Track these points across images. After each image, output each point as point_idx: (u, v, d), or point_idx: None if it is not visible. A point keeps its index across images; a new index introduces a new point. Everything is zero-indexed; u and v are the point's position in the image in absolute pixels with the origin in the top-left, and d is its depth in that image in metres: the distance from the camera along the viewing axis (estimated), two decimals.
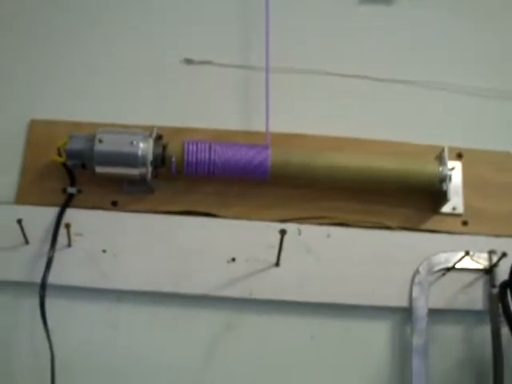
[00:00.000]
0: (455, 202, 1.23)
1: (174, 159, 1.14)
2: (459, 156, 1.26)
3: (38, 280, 1.12)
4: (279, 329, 1.18)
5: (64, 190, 1.21)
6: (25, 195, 1.22)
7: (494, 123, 1.33)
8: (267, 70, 1.25)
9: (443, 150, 1.19)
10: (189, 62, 1.32)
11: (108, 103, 1.30)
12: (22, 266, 1.16)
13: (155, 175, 1.17)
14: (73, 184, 1.20)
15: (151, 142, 1.15)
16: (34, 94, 1.31)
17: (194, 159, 1.15)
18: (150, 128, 1.19)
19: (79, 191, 1.20)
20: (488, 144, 1.29)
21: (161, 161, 1.16)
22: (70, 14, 1.37)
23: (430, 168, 1.19)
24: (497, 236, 1.23)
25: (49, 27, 1.36)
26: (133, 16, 1.37)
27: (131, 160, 1.15)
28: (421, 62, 1.36)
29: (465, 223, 1.23)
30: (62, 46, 1.35)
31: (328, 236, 1.18)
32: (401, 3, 1.41)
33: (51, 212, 1.19)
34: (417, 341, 1.15)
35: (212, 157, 1.15)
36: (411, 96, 1.33)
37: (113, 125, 1.23)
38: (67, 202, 1.19)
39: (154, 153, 1.15)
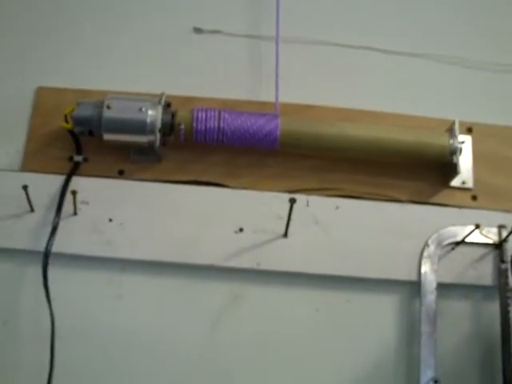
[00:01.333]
0: (465, 176, 1.22)
1: (182, 126, 1.12)
2: (469, 130, 1.26)
3: (43, 248, 1.10)
4: (285, 301, 1.17)
5: (70, 158, 1.19)
6: (30, 162, 1.20)
7: (504, 98, 1.32)
8: (277, 40, 1.24)
9: (454, 123, 1.18)
10: (198, 31, 1.30)
11: (117, 71, 1.29)
12: (27, 233, 1.15)
13: (163, 143, 1.15)
14: (79, 152, 1.19)
15: (160, 109, 1.13)
16: (42, 61, 1.29)
17: (203, 127, 1.14)
18: (159, 96, 1.16)
19: (85, 159, 1.18)
20: (498, 119, 1.28)
21: (169, 128, 1.14)
22: None
23: (440, 140, 1.18)
24: (507, 211, 1.22)
25: None
26: None
27: (140, 127, 1.13)
28: (433, 34, 1.36)
29: (474, 198, 1.22)
30: (71, 13, 1.34)
31: (337, 208, 1.17)
32: None
33: (57, 180, 1.17)
34: (425, 315, 1.14)
35: (221, 124, 1.14)
36: (422, 69, 1.32)
37: (121, 92, 1.21)
38: (73, 170, 1.17)
39: (162, 120, 1.14)
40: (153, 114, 1.13)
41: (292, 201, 1.05)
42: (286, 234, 1.14)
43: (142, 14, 1.33)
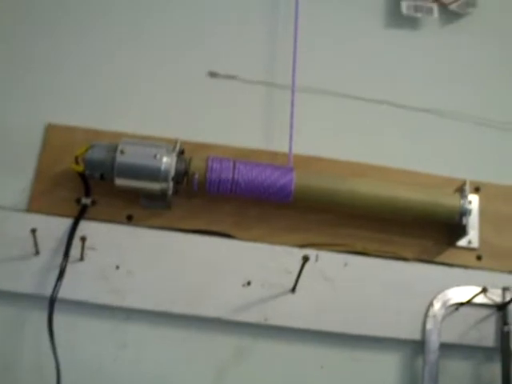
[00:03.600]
0: (471, 235, 1.23)
1: (197, 176, 1.11)
2: (477, 190, 1.26)
3: (48, 293, 1.09)
4: (291, 356, 1.17)
5: (78, 200, 1.17)
6: (37, 203, 1.19)
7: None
8: (293, 91, 1.24)
9: (465, 183, 1.19)
10: (214, 75, 1.29)
11: (129, 112, 1.27)
12: (32, 277, 1.13)
13: (175, 191, 1.13)
14: (88, 194, 1.17)
15: (174, 156, 1.13)
16: (54, 98, 1.28)
17: (217, 178, 1.13)
18: (172, 141, 1.16)
19: (94, 202, 1.17)
20: (505, 178, 1.28)
21: (183, 176, 1.12)
22: (94, 20, 1.35)
23: (450, 201, 1.19)
24: (510, 272, 1.21)
25: (74, 31, 1.34)
26: (159, 28, 1.36)
27: (153, 174, 1.13)
28: (444, 90, 1.36)
29: (479, 258, 1.23)
30: (87, 52, 1.32)
31: (345, 264, 1.17)
32: (428, 28, 1.42)
33: (64, 223, 1.16)
34: (428, 374, 1.15)
35: (235, 176, 1.14)
36: (432, 125, 1.33)
37: (133, 135, 1.21)
38: (81, 214, 1.16)
39: (176, 168, 1.13)
40: (167, 162, 1.12)
41: (305, 258, 1.06)
42: (294, 289, 1.13)
43: (158, 56, 1.33)
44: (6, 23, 1.32)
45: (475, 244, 1.23)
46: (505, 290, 1.19)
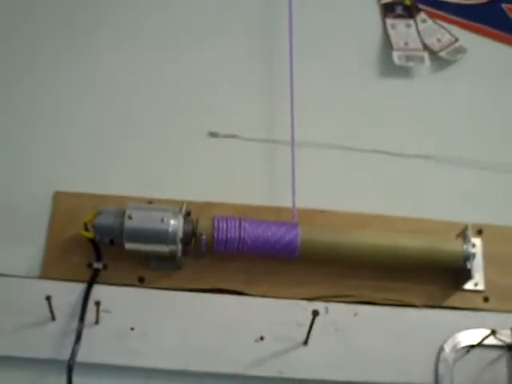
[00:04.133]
0: (476, 278, 1.25)
1: (204, 237, 1.14)
2: (479, 232, 1.28)
3: (65, 357, 1.11)
4: None
5: (90, 265, 1.19)
6: (50, 269, 1.21)
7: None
8: (293, 145, 1.28)
9: (467, 228, 1.21)
10: (214, 135, 1.32)
11: (134, 176, 1.30)
12: (49, 342, 1.15)
13: (185, 252, 1.15)
14: (99, 259, 1.19)
15: (181, 218, 1.15)
16: (59, 165, 1.31)
17: (224, 237, 1.16)
18: (177, 202, 1.20)
19: (105, 266, 1.18)
20: (507, 219, 1.30)
21: (191, 237, 1.14)
22: (96, 85, 1.39)
23: (454, 247, 1.22)
24: None
25: (75, 98, 1.38)
26: (159, 93, 1.39)
27: (162, 237, 1.15)
28: (440, 136, 1.39)
29: (486, 299, 1.25)
30: (89, 119, 1.37)
31: (355, 314, 1.19)
32: (420, 76, 1.45)
33: (77, 288, 1.18)
34: None
35: (242, 234, 1.16)
36: (430, 171, 1.36)
37: (138, 199, 1.23)
38: (94, 278, 1.18)
39: (184, 230, 1.15)
40: (174, 224, 1.14)
41: (315, 313, 1.08)
42: (306, 342, 1.15)
43: (158, 118, 1.36)
44: (11, 85, 1.38)
45: (481, 286, 1.25)
46: None
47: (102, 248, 1.20)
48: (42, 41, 1.44)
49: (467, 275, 1.21)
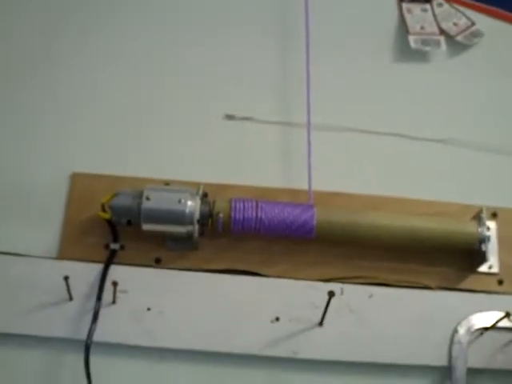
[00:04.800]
0: (491, 261, 1.25)
1: (221, 215, 1.15)
2: (494, 215, 1.29)
3: (82, 337, 1.12)
4: None
5: (106, 246, 1.20)
6: (67, 250, 1.22)
7: None
8: (309, 128, 1.29)
9: (481, 211, 1.22)
10: (230, 117, 1.33)
11: (151, 158, 1.31)
12: (66, 322, 1.17)
13: (201, 233, 1.16)
14: (116, 240, 1.20)
15: (198, 199, 1.16)
16: (76, 147, 1.32)
17: (241, 217, 1.17)
18: (193, 184, 1.21)
19: (122, 247, 1.20)
20: None
21: (207, 218, 1.16)
22: (114, 68, 1.41)
23: (469, 229, 1.21)
24: None
25: (92, 81, 1.39)
26: (176, 76, 1.41)
27: (179, 218, 1.16)
28: (456, 120, 1.39)
29: (500, 282, 1.25)
30: (106, 100, 1.38)
31: (370, 296, 1.20)
32: (437, 61, 1.45)
33: (94, 268, 1.19)
34: None
35: (259, 215, 1.17)
36: (446, 154, 1.36)
37: (156, 180, 1.24)
38: (111, 259, 1.19)
39: (201, 211, 1.16)
40: (191, 205, 1.15)
41: (331, 294, 1.09)
42: (321, 323, 1.16)
43: (176, 103, 1.37)
44: (25, 72, 1.38)
45: (496, 269, 1.26)
46: None
47: (119, 229, 1.22)
48: (57, 26, 1.46)
49: (482, 258, 1.22)
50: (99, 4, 1.47)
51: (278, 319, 1.17)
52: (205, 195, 1.20)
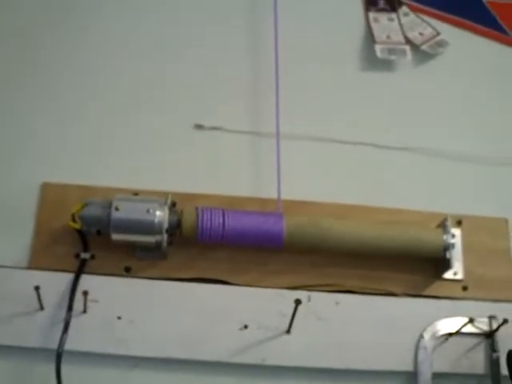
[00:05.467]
0: (456, 267, 1.28)
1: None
2: (459, 223, 1.31)
3: (54, 346, 1.12)
4: None
5: (77, 255, 1.21)
6: (38, 259, 1.23)
7: (490, 190, 1.38)
8: (278, 137, 1.31)
9: (446, 218, 1.24)
10: (199, 127, 1.34)
11: (120, 168, 1.32)
12: (38, 331, 1.17)
13: (170, 242, 1.18)
14: (86, 249, 1.21)
15: (167, 209, 1.17)
16: (46, 157, 1.33)
17: (208, 226, 1.19)
18: (162, 193, 1.22)
19: (92, 257, 1.21)
20: (485, 210, 1.34)
21: (176, 228, 1.17)
22: (84, 75, 1.42)
23: (433, 237, 1.24)
24: (496, 301, 1.27)
25: (62, 89, 1.39)
26: (146, 81, 1.42)
27: (148, 228, 1.17)
28: (421, 128, 1.42)
29: (465, 288, 1.28)
30: (75, 109, 1.38)
31: (336, 303, 1.22)
32: (403, 69, 1.48)
33: (65, 277, 1.20)
34: None
35: (226, 224, 1.19)
36: (410, 163, 1.39)
37: (124, 190, 1.25)
38: (81, 268, 1.20)
39: (169, 220, 1.17)
40: (160, 215, 1.17)
41: (297, 302, 1.10)
42: (289, 331, 1.18)
43: (144, 110, 1.38)
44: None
45: (460, 275, 1.29)
46: (491, 318, 1.24)
47: (89, 238, 1.23)
48: (32, 37, 1.46)
49: (447, 265, 1.24)
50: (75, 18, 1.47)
51: (246, 327, 1.19)
52: (173, 205, 1.21)
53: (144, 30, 1.49)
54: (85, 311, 1.18)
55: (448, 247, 1.23)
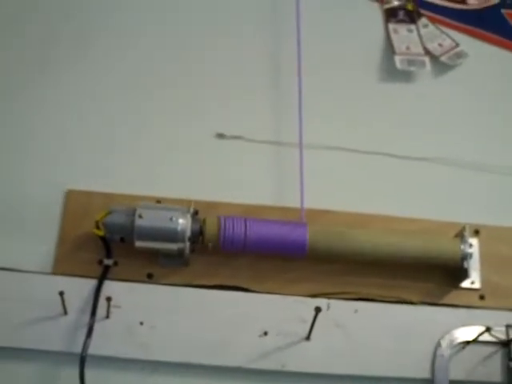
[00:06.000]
0: (473, 276, 1.29)
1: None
2: (476, 232, 1.32)
3: (77, 350, 1.15)
4: None
5: (100, 262, 1.24)
6: (61, 265, 1.26)
7: (509, 199, 1.39)
8: (301, 147, 1.33)
9: (464, 228, 1.25)
10: (221, 136, 1.36)
11: (143, 176, 1.35)
12: (61, 336, 1.20)
13: (192, 250, 1.20)
14: (109, 256, 1.24)
15: (189, 217, 1.20)
16: (71, 163, 1.36)
17: (231, 235, 1.21)
18: (185, 201, 1.24)
19: (115, 263, 1.23)
20: (503, 220, 1.35)
21: (198, 236, 1.19)
22: (110, 87, 1.43)
23: (452, 246, 1.25)
24: None
25: (85, 99, 1.43)
26: (168, 95, 1.44)
27: (171, 235, 1.19)
28: (440, 139, 1.43)
29: (482, 297, 1.29)
30: (99, 119, 1.41)
31: (355, 311, 1.24)
32: (422, 80, 1.49)
33: (88, 283, 1.22)
34: None
35: (248, 233, 1.21)
36: (430, 173, 1.40)
37: (147, 197, 1.28)
38: (104, 274, 1.22)
39: (192, 228, 1.19)
40: (183, 223, 1.19)
41: (317, 310, 1.12)
42: (308, 337, 1.20)
43: (167, 122, 1.41)
44: (20, 85, 1.43)
45: (477, 285, 1.30)
46: (508, 327, 1.25)
47: (113, 245, 1.25)
48: (49, 40, 1.50)
49: (464, 274, 1.25)
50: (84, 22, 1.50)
51: (266, 333, 1.22)
52: (196, 213, 1.23)
53: (164, 35, 1.53)
54: (108, 317, 1.20)
55: (466, 257, 1.24)
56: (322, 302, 1.22)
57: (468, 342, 1.24)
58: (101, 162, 1.36)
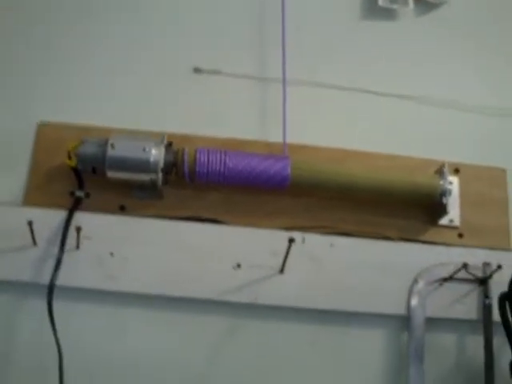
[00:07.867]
0: (452, 214, 1.27)
1: (186, 165, 1.16)
2: (456, 171, 1.31)
3: (46, 281, 1.13)
4: (281, 334, 1.22)
5: (72, 193, 1.21)
6: (32, 197, 1.24)
7: (489, 140, 1.37)
8: (284, 83, 1.31)
9: (444, 165, 1.24)
10: (198, 70, 1.33)
11: (117, 108, 1.32)
12: (30, 266, 1.18)
13: (165, 182, 1.18)
14: (81, 187, 1.22)
15: (163, 148, 1.17)
16: (44, 96, 1.33)
17: (206, 162, 1.20)
18: (159, 134, 1.21)
19: (87, 195, 1.21)
20: (484, 160, 1.34)
21: (171, 167, 1.17)
22: (85, 19, 1.40)
23: (430, 182, 1.24)
24: (491, 248, 1.27)
25: (61, 30, 1.38)
26: (146, 27, 1.41)
27: (143, 166, 1.17)
28: (422, 77, 1.41)
29: (461, 235, 1.28)
30: (75, 50, 1.37)
31: (331, 245, 1.22)
32: (404, 19, 1.46)
33: (59, 214, 1.20)
34: (413, 348, 1.20)
35: (226, 163, 1.20)
36: (410, 111, 1.38)
37: (122, 130, 1.25)
38: (75, 205, 1.20)
39: (165, 159, 1.17)
40: (156, 154, 1.17)
41: (291, 240, 1.10)
42: (282, 270, 1.18)
43: (143, 53, 1.37)
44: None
45: (456, 222, 1.29)
46: (485, 265, 1.23)
47: (85, 177, 1.23)
48: None
49: (443, 210, 1.24)
50: None
51: (239, 266, 1.20)
52: (169, 144, 1.20)
53: None
54: (78, 247, 1.17)
55: (444, 192, 1.23)
56: (296, 235, 1.19)
57: (445, 279, 1.22)
58: (75, 95, 1.33)
